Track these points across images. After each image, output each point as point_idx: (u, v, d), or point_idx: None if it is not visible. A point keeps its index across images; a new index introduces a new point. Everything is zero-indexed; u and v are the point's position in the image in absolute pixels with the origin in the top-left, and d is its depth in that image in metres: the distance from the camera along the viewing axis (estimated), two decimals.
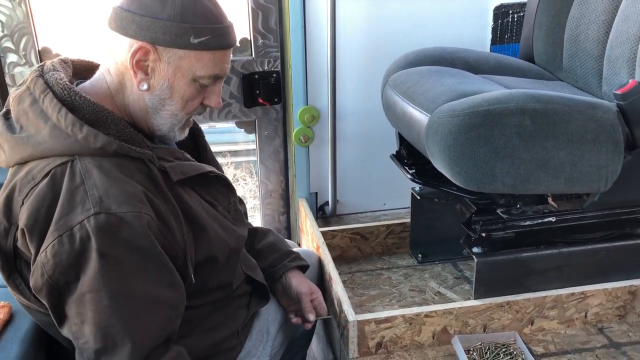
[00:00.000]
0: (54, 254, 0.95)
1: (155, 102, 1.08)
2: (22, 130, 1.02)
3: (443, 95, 1.38)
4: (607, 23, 1.57)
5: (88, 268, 0.95)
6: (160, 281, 1.02)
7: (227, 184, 1.22)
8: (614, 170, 1.35)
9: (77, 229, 0.94)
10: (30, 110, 1.02)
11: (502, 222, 1.47)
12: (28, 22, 1.78)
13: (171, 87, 1.06)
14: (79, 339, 0.99)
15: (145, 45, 1.02)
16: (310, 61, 1.92)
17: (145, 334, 1.00)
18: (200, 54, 1.04)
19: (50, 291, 0.98)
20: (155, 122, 1.10)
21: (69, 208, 0.96)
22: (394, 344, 1.43)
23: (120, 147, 1.00)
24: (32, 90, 1.03)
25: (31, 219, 0.98)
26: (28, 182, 1.00)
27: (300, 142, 1.99)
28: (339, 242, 1.89)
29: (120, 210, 0.96)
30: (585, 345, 1.45)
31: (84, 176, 0.98)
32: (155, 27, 1.01)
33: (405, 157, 1.71)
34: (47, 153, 1.00)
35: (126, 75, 1.06)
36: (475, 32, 2.01)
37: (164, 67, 1.04)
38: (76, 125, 0.98)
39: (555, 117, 1.28)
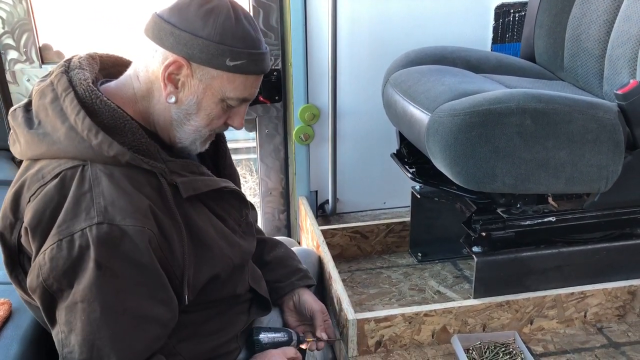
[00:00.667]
0: (51, 258, 0.95)
1: (180, 116, 1.07)
2: (39, 126, 1.02)
3: (444, 95, 1.38)
4: (608, 23, 1.57)
5: (83, 277, 0.95)
6: (154, 298, 1.01)
7: (240, 197, 1.21)
8: (615, 171, 1.35)
9: (78, 236, 0.94)
10: (50, 107, 1.01)
11: (502, 221, 1.47)
12: (29, 19, 1.78)
13: (199, 104, 1.06)
14: (65, 347, 0.98)
15: (180, 60, 1.01)
16: (311, 59, 1.91)
17: (131, 350, 0.99)
18: (233, 77, 1.04)
19: (44, 294, 0.98)
20: (177, 134, 1.09)
21: (73, 213, 0.95)
22: (394, 342, 1.44)
23: (133, 158, 1.00)
24: (55, 87, 1.02)
25: (35, 219, 0.97)
26: (37, 181, 1.00)
27: (301, 140, 1.99)
28: (338, 241, 1.89)
29: (124, 222, 0.95)
30: (584, 345, 1.45)
31: (93, 183, 0.97)
32: (194, 43, 1.00)
33: (405, 156, 1.70)
34: (60, 154, 1.00)
35: (155, 85, 1.05)
36: (476, 31, 2.01)
37: (195, 83, 1.04)
38: (92, 131, 0.97)
39: (556, 116, 1.28)
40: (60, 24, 1.87)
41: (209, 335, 1.18)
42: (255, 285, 1.28)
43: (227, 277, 1.16)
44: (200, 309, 1.15)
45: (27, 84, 1.84)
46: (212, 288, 1.14)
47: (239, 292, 1.22)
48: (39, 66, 1.83)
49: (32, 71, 1.83)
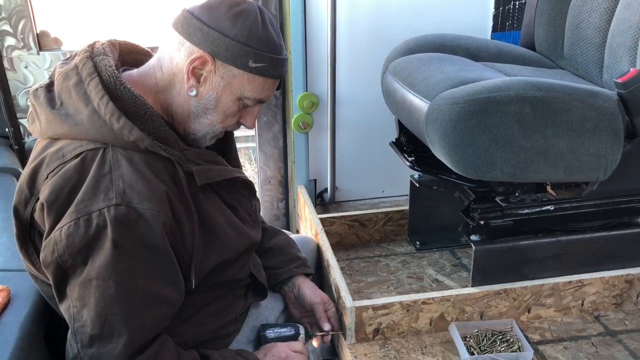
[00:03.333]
0: (67, 235, 0.97)
1: (199, 109, 1.10)
2: (62, 106, 1.04)
3: (443, 83, 1.37)
4: (609, 11, 1.56)
5: (99, 255, 0.97)
6: (165, 279, 1.04)
7: (251, 188, 1.25)
8: (614, 159, 1.35)
9: (96, 216, 0.97)
10: (74, 89, 1.03)
11: (501, 210, 1.47)
12: (26, 5, 1.77)
13: (217, 100, 1.10)
14: (76, 321, 1.00)
15: (206, 56, 1.05)
16: (310, 47, 1.91)
17: (142, 327, 1.02)
18: (253, 77, 1.08)
19: (57, 269, 1.00)
20: (192, 126, 1.12)
21: (92, 193, 0.98)
22: (392, 330, 1.44)
23: (152, 145, 1.03)
24: (80, 71, 1.04)
25: (52, 196, 0.99)
26: (57, 159, 1.02)
27: (300, 128, 1.99)
28: (337, 229, 1.89)
29: (141, 205, 0.98)
30: (581, 333, 1.46)
31: (113, 166, 1.00)
32: (220, 42, 1.05)
33: (404, 145, 1.70)
34: (82, 135, 1.02)
35: (177, 77, 1.09)
36: (476, 19, 2.00)
37: (216, 80, 1.08)
38: (114, 115, 1.00)
39: (555, 105, 1.28)
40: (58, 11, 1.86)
41: (209, 317, 1.21)
42: (254, 272, 1.31)
43: (232, 263, 1.19)
44: (202, 291, 1.17)
45: (24, 71, 1.83)
46: (216, 272, 1.16)
47: (239, 276, 1.25)
48: (36, 53, 1.82)
49: (30, 58, 1.82)
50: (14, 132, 1.87)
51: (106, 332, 0.99)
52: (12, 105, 1.85)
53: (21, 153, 1.89)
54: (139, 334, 1.01)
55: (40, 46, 1.84)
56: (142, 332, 1.02)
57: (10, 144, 1.89)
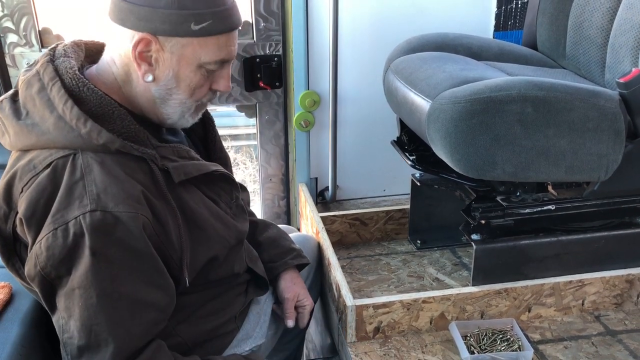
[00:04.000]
0: (47, 247, 0.95)
1: (162, 93, 1.06)
2: (27, 116, 1.01)
3: (445, 82, 1.37)
4: (611, 11, 1.56)
5: (79, 264, 0.95)
6: (150, 283, 1.01)
7: (230, 180, 1.21)
8: (615, 159, 1.35)
9: (72, 224, 0.94)
10: (38, 97, 1.00)
11: (502, 209, 1.47)
12: (28, 2, 1.77)
13: (177, 77, 1.04)
14: (65, 332, 0.99)
15: (146, 36, 0.99)
16: (312, 45, 1.90)
17: (129, 335, 0.99)
18: (203, 40, 1.01)
19: (42, 282, 0.99)
20: (164, 111, 1.08)
21: (67, 202, 0.96)
22: (392, 329, 1.44)
23: (123, 145, 1.00)
24: (42, 76, 1.01)
25: (29, 210, 0.98)
26: (29, 171, 1.00)
27: (301, 126, 1.99)
28: (338, 228, 1.89)
29: (117, 209, 0.95)
30: (581, 333, 1.46)
31: (85, 171, 0.97)
32: (154, 16, 0.98)
33: (405, 144, 1.70)
34: (50, 144, 1.00)
35: (131, 67, 1.04)
36: (478, 18, 2.00)
37: (167, 57, 1.02)
38: (81, 120, 0.97)
39: (557, 104, 1.28)
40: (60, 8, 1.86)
41: (208, 317, 1.20)
42: (252, 265, 1.30)
43: (224, 257, 1.17)
44: (198, 290, 1.16)
45: None
46: (210, 269, 1.15)
47: (236, 271, 1.23)
48: (38, 50, 1.82)
49: (32, 55, 1.82)
50: None
51: (93, 343, 0.97)
52: None
53: None
54: (127, 342, 0.99)
55: (43, 43, 1.84)
56: (129, 340, 0.99)
57: None
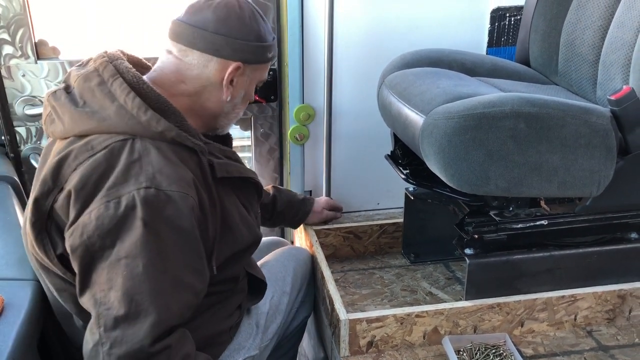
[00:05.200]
0: (97, 216, 0.99)
1: (229, 108, 1.21)
2: (85, 105, 1.07)
3: (439, 97, 1.39)
4: (602, 29, 1.58)
5: (128, 234, 0.98)
6: (191, 266, 1.05)
7: (260, 191, 1.29)
8: (607, 175, 1.36)
9: (125, 198, 0.99)
10: (97, 89, 1.07)
11: (495, 224, 1.48)
12: (25, 14, 1.78)
13: (245, 95, 1.23)
14: (102, 305, 0.99)
15: (240, 65, 1.16)
16: (307, 59, 1.92)
17: (169, 310, 1.01)
18: (266, 65, 1.23)
19: (85, 253, 1.00)
20: (222, 122, 1.24)
21: (123, 179, 1.00)
22: (385, 343, 1.44)
23: (179, 134, 1.07)
24: (101, 73, 1.08)
25: (80, 183, 1.01)
26: (86, 151, 1.05)
27: (296, 140, 1.99)
28: (332, 241, 1.90)
29: (170, 188, 1.01)
30: (574, 348, 1.46)
31: (142, 153, 1.03)
32: (247, 49, 1.15)
33: (399, 158, 1.71)
34: (110, 129, 1.05)
35: (207, 88, 1.17)
36: (472, 35, 2.02)
37: (244, 80, 1.20)
38: (142, 109, 1.05)
39: (549, 121, 1.29)
40: (56, 20, 1.87)
41: (206, 324, 1.21)
42: (251, 270, 1.34)
43: (237, 260, 1.23)
44: None
45: (22, 80, 1.83)
46: (221, 269, 1.18)
47: (236, 274, 1.27)
48: (34, 62, 1.83)
49: (28, 66, 1.82)
50: (10, 140, 1.87)
51: (132, 312, 0.98)
52: (8, 114, 1.85)
53: (17, 161, 1.88)
54: (166, 316, 1.00)
55: (38, 55, 1.84)
56: (168, 313, 1.01)
57: (6, 152, 1.88)
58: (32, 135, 1.90)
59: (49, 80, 1.85)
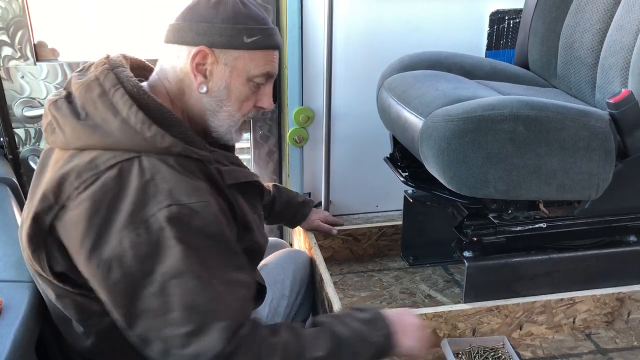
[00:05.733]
0: (131, 245, 0.97)
1: (213, 104, 1.14)
2: (87, 117, 1.05)
3: (438, 100, 1.39)
4: (601, 32, 1.58)
5: (167, 256, 0.97)
6: (233, 265, 1.06)
7: (263, 194, 1.27)
8: (605, 179, 1.36)
9: (152, 221, 0.97)
10: (99, 100, 1.04)
11: (494, 227, 1.48)
12: (24, 16, 1.78)
13: (228, 88, 1.13)
14: (166, 328, 0.98)
15: (204, 49, 1.09)
16: (307, 62, 1.92)
17: (231, 310, 1.02)
18: (253, 53, 1.12)
19: (128, 285, 0.99)
20: (212, 124, 1.16)
21: (143, 202, 0.98)
22: None
23: (184, 149, 1.05)
24: (102, 82, 1.06)
25: (92, 210, 0.99)
26: (90, 169, 1.02)
27: (295, 142, 1.99)
28: (330, 243, 1.89)
29: (190, 201, 1.00)
30: (572, 351, 1.46)
31: (153, 171, 1.01)
32: (212, 31, 1.09)
33: (398, 160, 1.71)
34: (114, 145, 1.03)
35: (185, 81, 1.13)
36: (471, 37, 2.02)
37: (221, 69, 1.11)
38: (145, 124, 1.02)
39: (548, 124, 1.29)
40: (56, 21, 1.87)
41: None
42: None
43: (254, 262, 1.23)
44: None
45: (21, 81, 1.83)
46: None
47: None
48: (33, 63, 1.83)
49: (27, 68, 1.83)
50: (9, 141, 1.87)
51: (200, 325, 0.98)
52: (7, 115, 1.85)
53: (16, 163, 1.88)
54: (231, 316, 1.01)
55: (38, 57, 1.84)
56: (232, 313, 1.01)
57: (5, 154, 1.88)
58: (30, 137, 1.90)
59: (48, 82, 1.85)
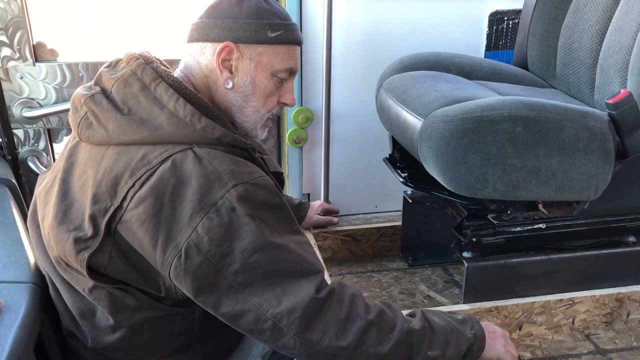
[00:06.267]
0: (206, 231, 0.98)
1: (239, 99, 1.15)
2: (131, 112, 1.05)
3: (437, 101, 1.39)
4: (600, 32, 1.59)
5: (243, 233, 1.00)
6: (293, 230, 1.09)
7: (282, 187, 1.29)
8: (604, 179, 1.36)
9: (221, 203, 0.99)
10: (142, 95, 1.05)
11: (493, 227, 1.48)
12: (23, 16, 1.78)
13: (253, 83, 1.14)
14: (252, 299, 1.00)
15: (230, 44, 1.11)
16: (306, 63, 1.92)
17: (311, 265, 1.05)
18: (277, 48, 1.14)
19: (208, 270, 1.00)
20: (238, 119, 1.17)
21: (208, 187, 1.00)
22: None
23: (234, 139, 1.08)
24: (140, 77, 1.07)
25: (157, 206, 1.00)
26: (143, 166, 1.02)
27: (294, 143, 1.99)
28: (330, 244, 1.89)
29: (251, 177, 1.03)
30: (572, 352, 1.46)
31: (210, 157, 1.03)
32: (236, 26, 1.11)
33: (397, 161, 1.71)
34: (165, 139, 1.04)
35: (210, 78, 1.14)
36: (470, 38, 2.02)
37: (246, 64, 1.13)
38: (195, 116, 1.04)
39: (547, 124, 1.29)
40: (55, 22, 1.87)
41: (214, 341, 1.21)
42: None
43: None
44: None
45: (20, 82, 1.83)
46: None
47: None
48: (32, 64, 1.82)
49: (26, 69, 1.82)
50: (8, 142, 1.87)
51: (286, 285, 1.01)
52: (6, 116, 1.85)
53: (14, 164, 1.88)
54: (313, 268, 1.05)
55: (37, 57, 1.84)
56: (313, 266, 1.05)
57: (4, 155, 1.88)
58: (29, 138, 1.90)
59: (47, 83, 1.85)
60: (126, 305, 1.09)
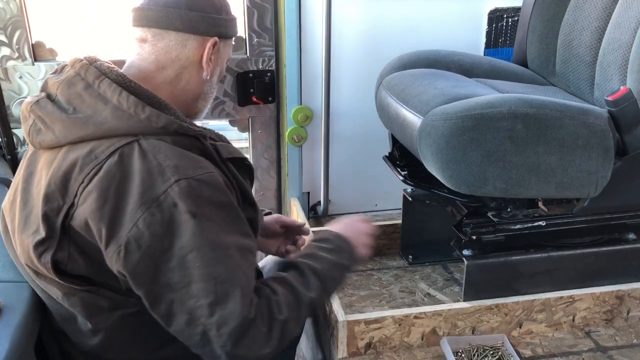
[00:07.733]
0: (147, 226, 0.98)
1: (208, 88, 1.19)
2: (75, 111, 1.05)
3: (436, 98, 1.39)
4: (600, 30, 1.58)
5: (183, 230, 0.98)
6: (241, 231, 1.07)
7: (252, 174, 1.26)
8: (604, 176, 1.36)
9: (163, 199, 0.98)
10: (85, 93, 1.05)
11: (493, 225, 1.48)
12: (22, 16, 1.78)
13: (220, 73, 1.21)
14: (189, 301, 1.00)
15: (216, 39, 1.14)
16: (305, 61, 1.92)
17: (247, 277, 1.04)
18: (231, 41, 1.21)
19: (148, 265, 0.99)
20: (201, 105, 1.20)
21: (150, 182, 0.99)
22: (383, 344, 1.44)
23: (180, 126, 1.06)
24: (84, 76, 1.06)
25: (101, 200, 0.99)
26: (90, 161, 1.02)
27: (294, 141, 1.99)
28: None
29: (196, 173, 1.01)
30: (572, 349, 1.46)
31: (155, 150, 1.02)
32: (219, 22, 1.14)
33: (397, 159, 1.71)
34: (110, 132, 1.03)
35: (187, 68, 1.14)
36: (469, 36, 2.02)
37: (219, 56, 1.17)
38: (139, 106, 1.03)
39: (547, 122, 1.29)
40: (54, 21, 1.87)
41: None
42: None
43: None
44: None
45: (19, 81, 1.83)
46: None
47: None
48: (31, 63, 1.82)
49: (25, 68, 1.82)
50: (7, 141, 1.87)
51: (220, 294, 0.99)
52: (5, 115, 1.85)
53: (14, 163, 1.88)
54: (247, 283, 1.03)
55: (36, 57, 1.84)
56: (248, 280, 1.04)
57: (3, 154, 1.88)
58: None
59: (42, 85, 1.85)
60: (100, 307, 1.09)
